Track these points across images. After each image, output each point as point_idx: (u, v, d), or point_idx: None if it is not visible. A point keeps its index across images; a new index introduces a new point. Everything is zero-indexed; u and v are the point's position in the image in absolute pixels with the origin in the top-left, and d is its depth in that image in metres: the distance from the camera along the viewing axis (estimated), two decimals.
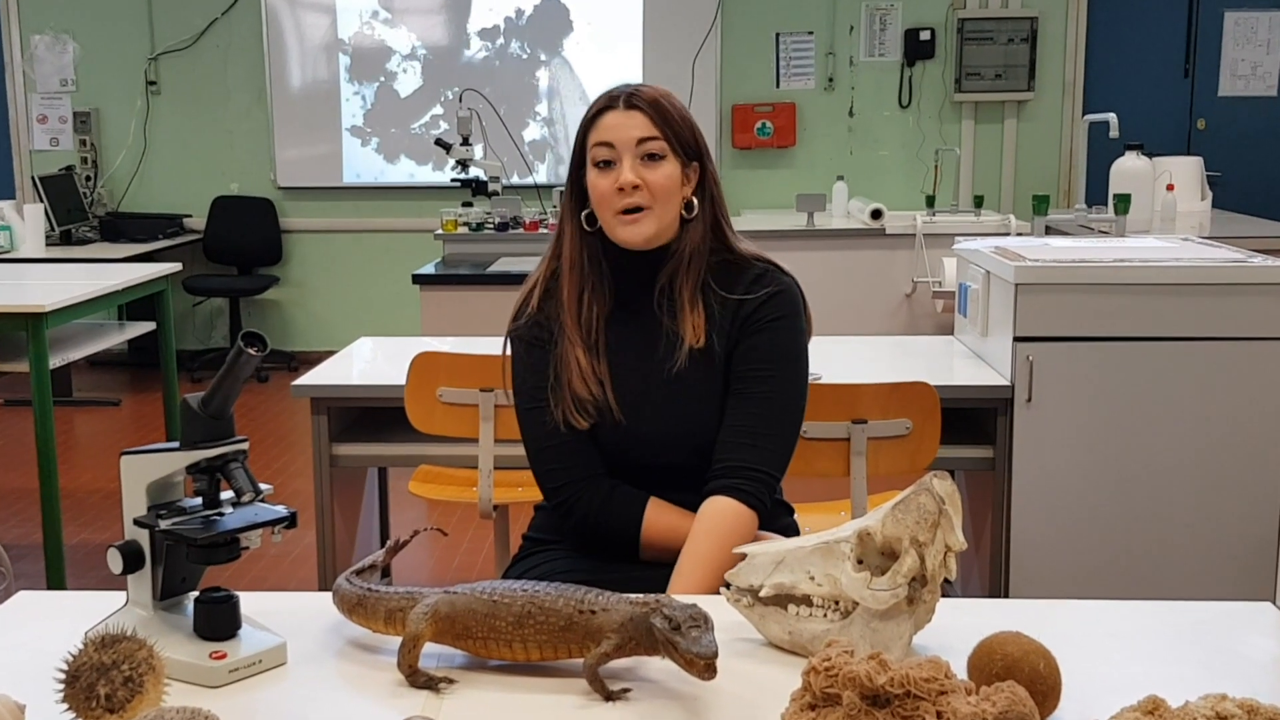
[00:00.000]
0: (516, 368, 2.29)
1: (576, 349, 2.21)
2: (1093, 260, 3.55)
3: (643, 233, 2.18)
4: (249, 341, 1.60)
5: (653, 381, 2.22)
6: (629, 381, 2.22)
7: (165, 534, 1.62)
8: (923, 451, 3.07)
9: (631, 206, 2.17)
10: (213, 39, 8.70)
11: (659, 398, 2.21)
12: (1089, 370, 3.49)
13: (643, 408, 2.21)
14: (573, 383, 2.19)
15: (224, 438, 1.64)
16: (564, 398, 2.20)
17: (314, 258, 8.91)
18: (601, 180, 2.18)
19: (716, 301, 2.22)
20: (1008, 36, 8.40)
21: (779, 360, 2.21)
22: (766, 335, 2.21)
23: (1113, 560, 3.56)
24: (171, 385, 5.28)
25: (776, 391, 2.20)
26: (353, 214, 8.84)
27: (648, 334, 2.24)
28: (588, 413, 2.20)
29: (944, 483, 1.60)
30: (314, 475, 3.68)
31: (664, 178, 2.18)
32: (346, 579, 1.73)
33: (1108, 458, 3.53)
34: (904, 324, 6.50)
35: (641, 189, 2.16)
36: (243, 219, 8.76)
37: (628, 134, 2.17)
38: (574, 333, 2.22)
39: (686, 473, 2.21)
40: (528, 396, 2.27)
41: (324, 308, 8.95)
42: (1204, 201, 6.84)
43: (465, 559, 4.96)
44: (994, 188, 8.55)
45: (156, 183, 8.86)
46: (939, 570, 1.59)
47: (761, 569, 1.70)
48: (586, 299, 2.23)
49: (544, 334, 2.25)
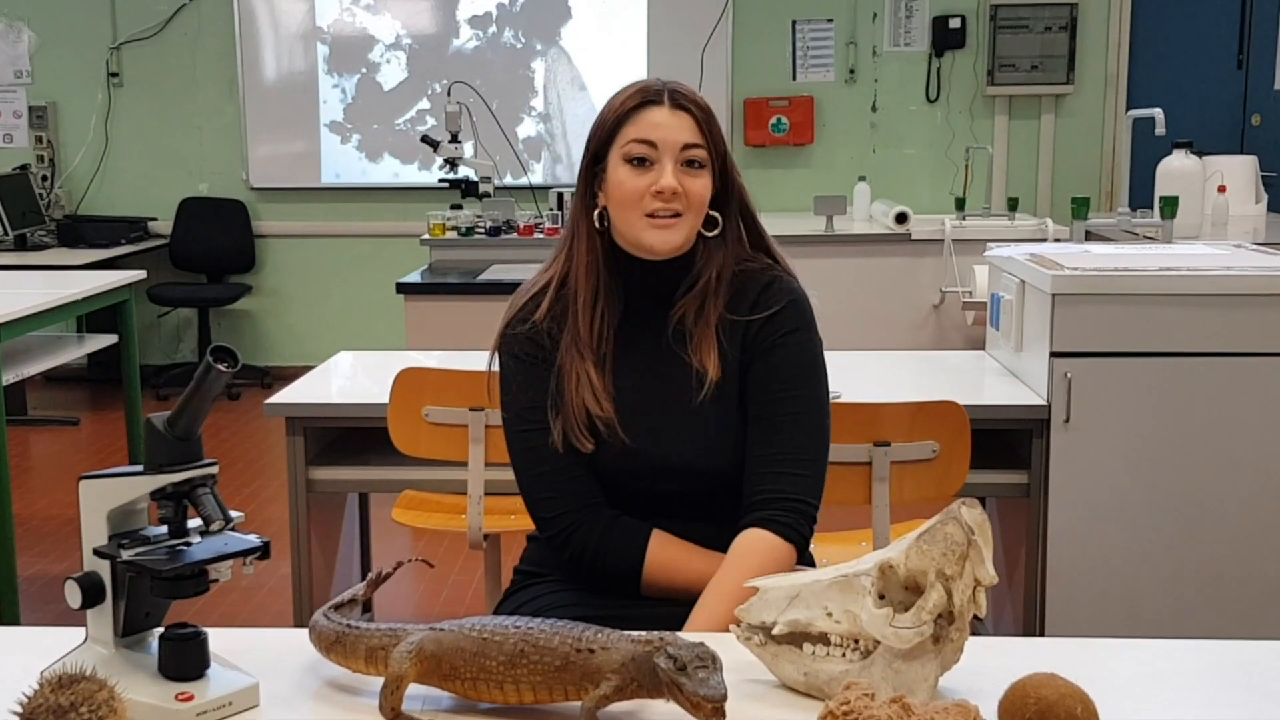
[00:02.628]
0: (508, 383, 2.28)
1: (587, 363, 2.20)
2: (1137, 269, 3.56)
3: (673, 240, 2.19)
4: (219, 356, 1.60)
5: (659, 403, 2.22)
6: (635, 403, 2.22)
7: (128, 565, 1.63)
8: (951, 477, 3.07)
9: (666, 211, 2.17)
10: (180, 27, 8.72)
11: (667, 422, 2.21)
12: (1133, 388, 3.50)
13: (650, 432, 2.21)
14: (584, 400, 2.18)
15: (192, 461, 1.65)
16: (568, 417, 2.19)
17: (290, 265, 8.93)
18: (634, 179, 2.17)
19: (725, 325, 2.23)
20: (1045, 24, 8.41)
21: (800, 378, 2.22)
22: (782, 353, 2.22)
23: (1158, 596, 3.56)
24: (134, 403, 5.29)
25: (803, 413, 2.21)
26: (332, 217, 8.86)
27: (657, 352, 2.24)
28: (594, 434, 2.19)
29: (974, 511, 1.60)
30: (289, 501, 3.68)
31: (703, 188, 2.19)
32: (324, 614, 1.74)
33: (1153, 484, 3.53)
34: (931, 338, 6.50)
35: (680, 196, 2.17)
36: (212, 222, 8.77)
37: (675, 136, 2.17)
38: (586, 345, 2.21)
39: (690, 502, 2.21)
40: (521, 417, 2.26)
41: (300, 319, 8.96)
42: (1258, 205, 6.84)
43: (453, 593, 4.95)
44: (1029, 189, 8.56)
45: (119, 183, 8.88)
46: (968, 606, 1.59)
47: (774, 604, 1.70)
48: (600, 308, 2.23)
49: (542, 348, 2.24)
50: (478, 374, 2.37)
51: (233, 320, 8.98)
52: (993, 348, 4.09)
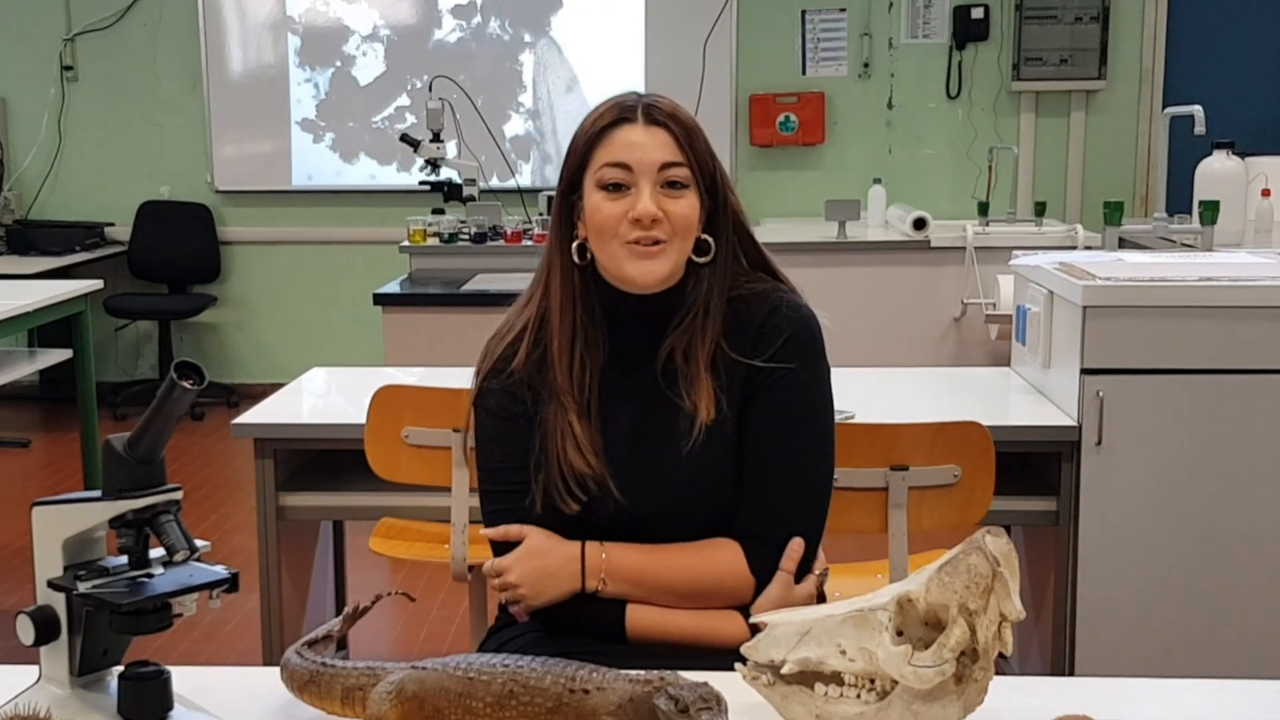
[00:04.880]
0: (484, 443, 2.26)
1: (570, 414, 2.17)
2: (1174, 279, 3.56)
3: (658, 270, 2.16)
4: (184, 372, 1.61)
5: (650, 452, 2.20)
6: (625, 453, 2.19)
7: (85, 598, 1.63)
8: (974, 503, 3.07)
9: (648, 239, 2.14)
10: (139, 16, 8.73)
11: (662, 472, 2.19)
12: (1170, 408, 3.50)
13: (642, 484, 2.18)
14: (568, 456, 2.15)
15: (154, 486, 1.65)
16: (551, 476, 2.17)
17: (258, 274, 8.93)
18: (609, 205, 2.14)
19: (724, 362, 2.21)
20: (1075, 15, 8.43)
21: (801, 416, 2.21)
22: (783, 390, 2.20)
23: (1198, 632, 3.56)
24: (90, 424, 5.29)
25: (802, 455, 2.21)
26: (304, 222, 8.86)
27: (646, 396, 2.21)
28: (582, 492, 2.16)
29: (999, 540, 1.61)
30: (258, 530, 3.68)
31: (687, 210, 2.16)
32: (297, 652, 1.74)
33: (1191, 511, 3.53)
34: (951, 353, 6.51)
35: (661, 222, 2.14)
36: (174, 228, 8.78)
37: (649, 156, 2.14)
38: (566, 393, 2.18)
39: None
40: (499, 478, 2.24)
41: (270, 333, 8.96)
42: None
43: (435, 628, 4.95)
44: (1058, 193, 8.57)
45: (73, 186, 8.88)
46: (992, 643, 1.59)
47: (784, 641, 1.70)
48: (579, 352, 2.20)
49: (522, 401, 2.22)
50: (462, 392, 2.36)
51: (196, 334, 8.98)
52: (1018, 364, 4.10)
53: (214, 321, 8.97)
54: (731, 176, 2.41)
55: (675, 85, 7.95)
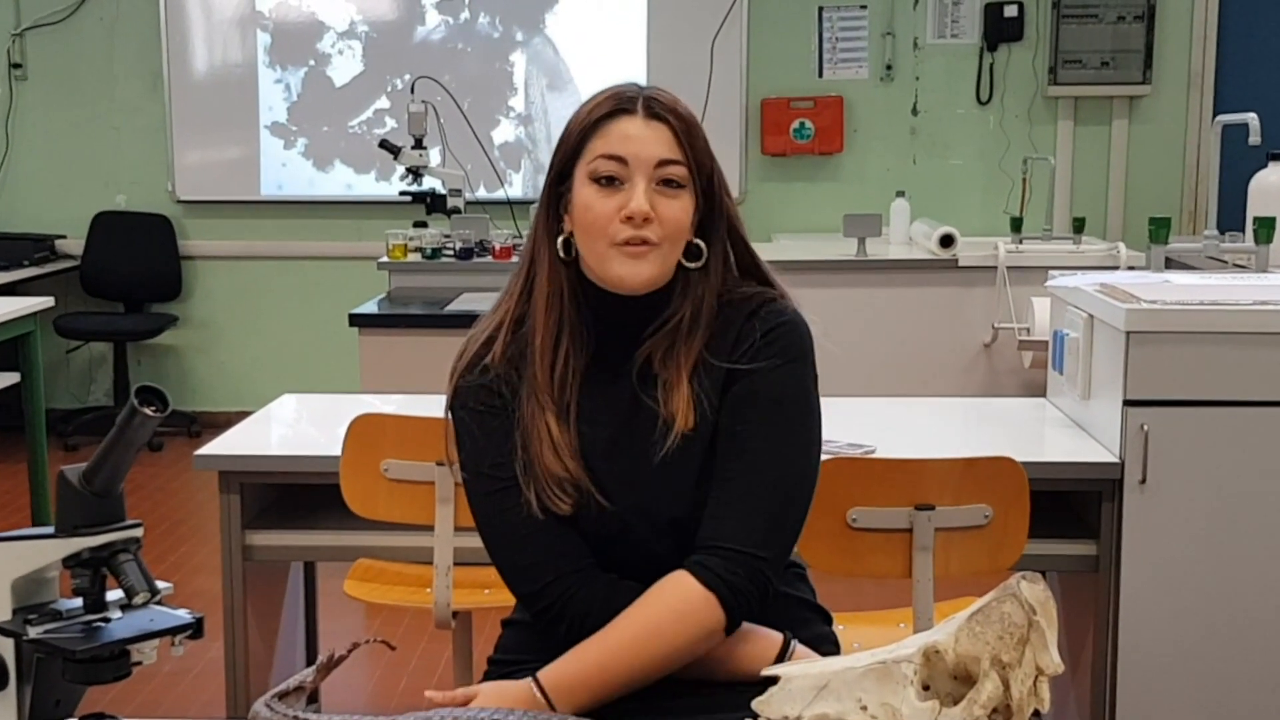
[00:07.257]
0: (465, 441, 2.30)
1: (547, 414, 2.22)
2: (1226, 302, 3.57)
3: (645, 273, 2.20)
4: (145, 398, 1.61)
5: (630, 458, 2.23)
6: (605, 458, 2.24)
7: (36, 644, 1.63)
8: (1006, 547, 3.07)
9: (637, 239, 2.17)
10: (95, 10, 8.75)
11: (640, 479, 2.23)
12: (1221, 443, 3.50)
13: (626, 491, 2.23)
14: (545, 460, 2.20)
15: (112, 522, 1.66)
16: (539, 477, 2.21)
17: (223, 292, 8.93)
18: (601, 201, 2.18)
19: (704, 367, 2.24)
20: (1117, 14, 8.45)
21: (771, 418, 2.23)
22: (756, 381, 2.23)
23: (1247, 686, 3.56)
24: (39, 454, 5.29)
25: (765, 449, 2.22)
26: (273, 235, 8.87)
27: (626, 399, 2.26)
28: (568, 494, 2.21)
29: (1035, 587, 1.61)
30: (222, 571, 3.68)
31: (681, 212, 2.20)
32: (266, 704, 1.74)
33: (1243, 556, 3.53)
34: (981, 382, 6.51)
35: (653, 222, 2.17)
36: (132, 241, 8.78)
37: (648, 151, 2.19)
38: (545, 393, 2.22)
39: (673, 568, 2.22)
40: (486, 476, 2.27)
41: (235, 356, 8.96)
42: None
43: (416, 679, 4.95)
44: (1098, 208, 8.59)
45: (21, 194, 8.89)
46: (1028, 699, 1.60)
47: (799, 696, 1.70)
48: (564, 350, 2.24)
49: (501, 396, 2.26)
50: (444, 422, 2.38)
51: (155, 357, 8.98)
52: (1055, 395, 4.10)
53: (175, 343, 8.97)
54: (741, 188, 2.42)
55: (680, 88, 7.84)
